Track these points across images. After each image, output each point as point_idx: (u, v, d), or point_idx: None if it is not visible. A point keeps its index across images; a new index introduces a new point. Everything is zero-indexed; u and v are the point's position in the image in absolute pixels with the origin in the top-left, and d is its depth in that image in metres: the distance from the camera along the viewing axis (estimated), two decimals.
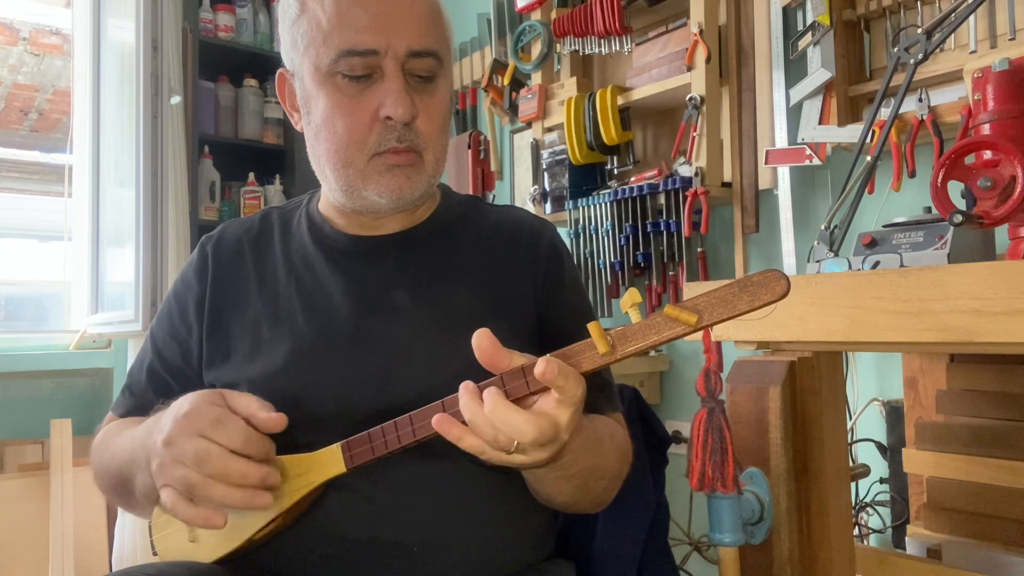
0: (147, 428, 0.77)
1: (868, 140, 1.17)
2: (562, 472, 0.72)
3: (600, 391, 0.86)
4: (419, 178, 0.82)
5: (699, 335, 0.63)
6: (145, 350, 0.93)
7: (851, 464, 1.45)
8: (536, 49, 2.09)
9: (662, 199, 1.79)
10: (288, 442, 0.75)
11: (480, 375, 0.65)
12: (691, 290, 1.07)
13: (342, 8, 0.79)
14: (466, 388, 0.63)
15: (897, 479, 1.43)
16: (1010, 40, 1.30)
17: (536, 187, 2.10)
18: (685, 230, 1.71)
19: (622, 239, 1.84)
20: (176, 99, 2.51)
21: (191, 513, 0.69)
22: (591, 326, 0.62)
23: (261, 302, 0.87)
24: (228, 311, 0.88)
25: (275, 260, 0.90)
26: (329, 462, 0.72)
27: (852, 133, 1.48)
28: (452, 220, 0.92)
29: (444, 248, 0.89)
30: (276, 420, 0.71)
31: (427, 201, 0.91)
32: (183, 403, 0.71)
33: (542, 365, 0.60)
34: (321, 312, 0.85)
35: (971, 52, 1.35)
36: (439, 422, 0.64)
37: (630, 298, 0.61)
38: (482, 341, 0.63)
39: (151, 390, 0.90)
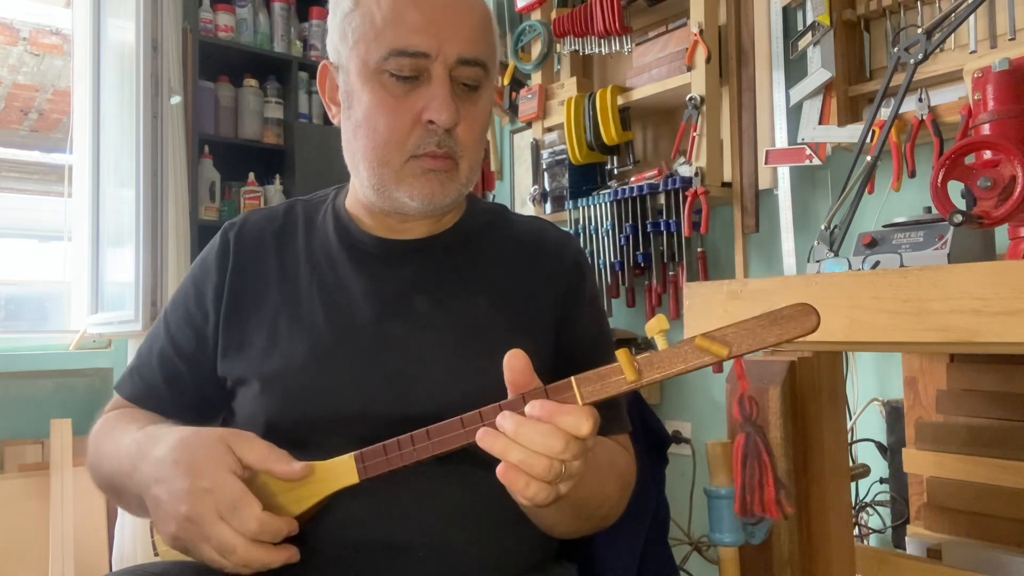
0: (132, 459, 0.75)
1: (868, 140, 1.17)
2: (562, 501, 0.71)
3: (609, 410, 0.85)
4: (452, 185, 0.82)
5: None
6: (157, 334, 0.91)
7: (851, 464, 1.45)
8: (536, 49, 2.09)
9: (662, 199, 1.79)
10: (300, 441, 0.75)
11: (496, 386, 0.64)
12: (691, 290, 1.06)
13: (398, 7, 0.78)
14: (504, 415, 0.61)
15: (897, 479, 1.43)
16: (1010, 40, 1.30)
17: (536, 187, 2.10)
18: (685, 230, 1.71)
19: (622, 239, 1.84)
20: (176, 99, 2.51)
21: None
22: (620, 353, 0.61)
23: (281, 296, 0.86)
24: (246, 302, 0.87)
25: (298, 254, 0.89)
26: (342, 472, 0.71)
27: (852, 133, 1.48)
28: (477, 228, 0.92)
29: (468, 257, 0.89)
30: (296, 472, 0.70)
31: (454, 208, 0.91)
32: (196, 467, 0.68)
33: (531, 408, 0.60)
34: (342, 312, 0.84)
35: (971, 52, 1.35)
36: (483, 436, 0.61)
37: (658, 324, 0.61)
38: (517, 361, 0.62)
39: (161, 375, 0.89)
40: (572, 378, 0.62)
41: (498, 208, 0.97)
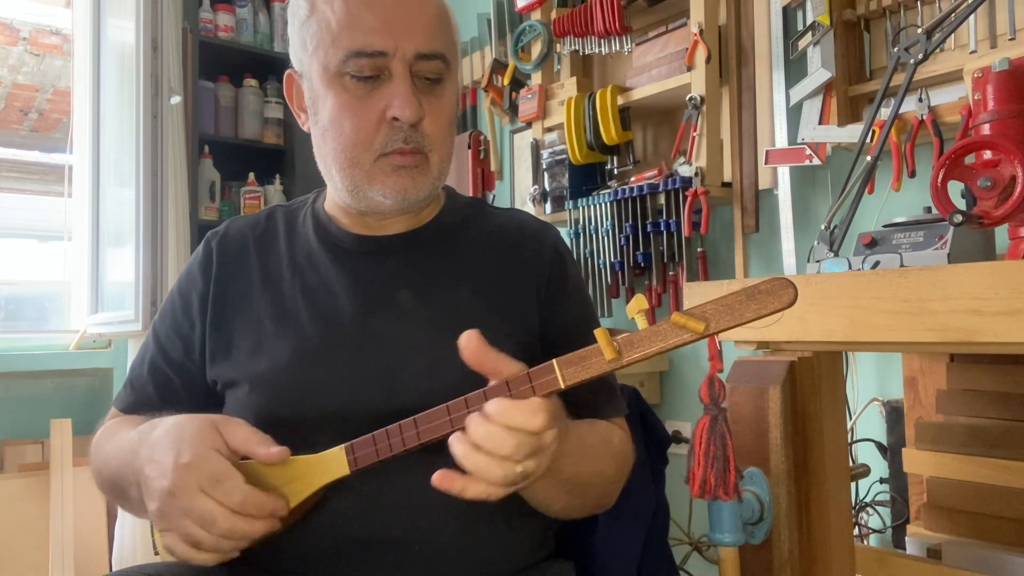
0: (133, 447, 0.76)
1: (868, 140, 1.17)
2: (553, 479, 0.72)
3: (603, 394, 0.86)
4: (424, 179, 0.83)
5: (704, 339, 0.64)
6: (147, 344, 0.93)
7: (851, 464, 1.45)
8: (536, 49, 2.09)
9: (662, 199, 1.79)
10: (290, 440, 0.75)
11: (482, 377, 0.65)
12: (691, 290, 1.07)
13: (351, 10, 0.79)
14: (472, 419, 0.64)
15: (897, 479, 1.43)
16: (1010, 40, 1.30)
17: (536, 187, 2.10)
18: (685, 230, 1.71)
19: (622, 239, 1.83)
20: (176, 99, 2.51)
21: (199, 559, 0.70)
22: (598, 333, 0.62)
23: (265, 299, 0.87)
24: (232, 307, 0.88)
25: (280, 258, 0.90)
26: (333, 464, 0.71)
27: (852, 133, 1.48)
28: (456, 222, 0.93)
29: (448, 249, 0.90)
30: (275, 456, 0.71)
31: (432, 203, 0.92)
32: (182, 444, 0.70)
33: (492, 406, 0.62)
34: (326, 311, 0.85)
35: (971, 52, 1.35)
36: (440, 480, 0.64)
37: (637, 304, 0.61)
38: (470, 342, 0.64)
39: (152, 385, 0.90)
40: (554, 360, 0.63)
41: (476, 202, 0.98)
